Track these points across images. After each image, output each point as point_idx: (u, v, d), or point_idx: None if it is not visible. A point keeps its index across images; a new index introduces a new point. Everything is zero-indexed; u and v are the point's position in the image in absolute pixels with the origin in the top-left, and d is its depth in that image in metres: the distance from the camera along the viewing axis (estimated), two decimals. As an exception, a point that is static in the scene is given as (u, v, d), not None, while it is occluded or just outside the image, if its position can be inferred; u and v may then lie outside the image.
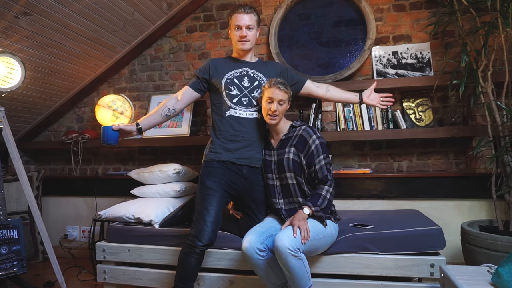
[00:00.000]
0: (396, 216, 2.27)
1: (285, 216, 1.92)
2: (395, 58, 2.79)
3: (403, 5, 2.82)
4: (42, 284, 2.55)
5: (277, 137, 2.00)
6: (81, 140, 3.20)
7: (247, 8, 2.00)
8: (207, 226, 1.84)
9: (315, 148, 1.86)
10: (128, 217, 2.36)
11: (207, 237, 1.82)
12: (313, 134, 1.89)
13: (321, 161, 1.86)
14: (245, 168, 1.99)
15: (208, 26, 3.19)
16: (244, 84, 2.04)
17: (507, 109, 2.15)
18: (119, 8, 2.70)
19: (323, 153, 1.87)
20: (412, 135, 2.58)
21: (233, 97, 2.01)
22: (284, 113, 1.95)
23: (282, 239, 1.64)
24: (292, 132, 1.96)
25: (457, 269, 1.55)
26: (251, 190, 2.03)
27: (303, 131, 1.91)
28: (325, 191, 1.83)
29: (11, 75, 2.30)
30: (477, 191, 2.50)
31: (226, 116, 2.00)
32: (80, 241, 3.32)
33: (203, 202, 1.89)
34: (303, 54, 2.97)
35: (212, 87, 2.06)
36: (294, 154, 1.90)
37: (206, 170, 1.98)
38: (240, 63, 2.08)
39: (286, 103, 1.91)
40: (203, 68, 2.08)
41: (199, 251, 1.84)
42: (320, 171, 1.85)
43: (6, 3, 2.21)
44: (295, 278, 1.67)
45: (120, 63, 3.31)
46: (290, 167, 1.90)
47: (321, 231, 1.79)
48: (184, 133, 3.05)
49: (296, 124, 1.97)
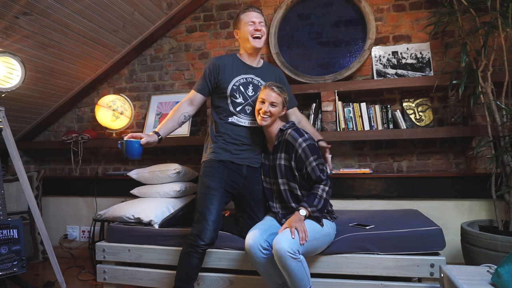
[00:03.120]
0: (396, 216, 2.27)
1: (281, 219, 1.92)
2: (395, 58, 2.79)
3: (403, 5, 2.83)
4: (42, 284, 2.55)
5: (271, 141, 2.00)
6: (81, 140, 3.20)
7: (256, 8, 2.05)
8: (208, 225, 1.85)
9: (302, 152, 1.84)
10: (128, 217, 2.36)
11: (209, 236, 1.84)
12: (299, 138, 1.86)
13: (312, 162, 1.83)
14: (244, 167, 2.01)
15: (208, 26, 3.20)
16: (249, 92, 2.03)
17: (507, 109, 2.15)
18: (119, 8, 2.70)
19: (312, 154, 1.83)
20: (412, 135, 2.58)
21: (237, 105, 2.00)
22: (277, 117, 1.93)
23: (281, 242, 1.64)
24: (281, 136, 1.95)
25: (457, 269, 1.54)
26: (251, 189, 2.04)
27: (288, 135, 1.90)
28: (321, 190, 1.81)
29: (11, 75, 2.31)
30: (477, 191, 2.50)
31: (228, 121, 2.01)
32: (80, 241, 3.32)
33: (204, 201, 1.90)
34: (303, 54, 2.97)
35: (218, 89, 2.04)
36: (285, 160, 1.90)
37: (206, 170, 1.98)
38: (247, 68, 2.06)
39: (279, 106, 1.90)
40: (212, 70, 2.02)
41: (201, 250, 1.86)
42: (313, 173, 1.83)
43: (6, 3, 2.21)
44: (295, 280, 1.67)
45: (120, 63, 3.31)
46: (282, 173, 1.91)
47: (318, 231, 1.79)
48: (184, 133, 3.05)
49: (284, 127, 1.95)
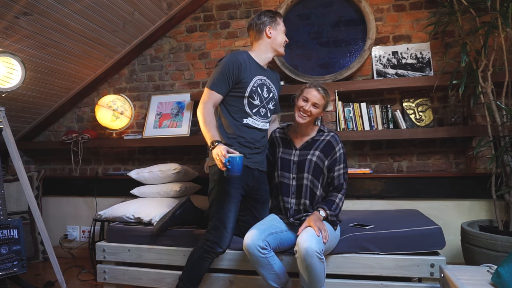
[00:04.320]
0: (396, 216, 2.27)
1: (291, 216, 1.92)
2: (395, 58, 2.79)
3: (403, 5, 2.83)
4: (42, 284, 2.55)
5: (302, 138, 2.00)
6: (81, 140, 3.20)
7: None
8: (228, 232, 1.86)
9: (339, 156, 1.93)
10: (128, 217, 2.36)
11: (228, 243, 1.87)
12: (340, 143, 1.96)
13: (341, 169, 1.92)
14: (256, 171, 2.00)
15: (208, 26, 3.20)
16: (264, 94, 2.01)
17: (507, 109, 2.15)
18: (119, 8, 2.70)
19: (344, 162, 1.93)
20: (412, 135, 2.58)
21: (254, 107, 1.97)
22: (315, 118, 1.96)
23: (308, 241, 1.60)
24: (319, 136, 1.98)
25: (457, 269, 1.55)
26: (259, 189, 2.05)
27: (332, 137, 1.96)
28: (339, 199, 1.88)
29: (11, 75, 2.31)
30: (477, 191, 2.50)
31: (243, 123, 1.95)
32: (80, 241, 3.32)
33: (223, 208, 1.88)
34: (303, 54, 2.97)
35: (235, 89, 1.93)
36: (318, 158, 1.92)
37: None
38: (261, 69, 2.02)
39: (320, 109, 1.92)
40: (233, 69, 1.89)
41: (216, 256, 1.90)
42: (337, 179, 1.91)
43: (6, 3, 2.21)
44: (315, 281, 1.65)
45: (120, 63, 3.31)
46: (310, 169, 1.92)
47: (331, 233, 1.82)
48: (184, 133, 3.05)
49: (324, 129, 2.01)
